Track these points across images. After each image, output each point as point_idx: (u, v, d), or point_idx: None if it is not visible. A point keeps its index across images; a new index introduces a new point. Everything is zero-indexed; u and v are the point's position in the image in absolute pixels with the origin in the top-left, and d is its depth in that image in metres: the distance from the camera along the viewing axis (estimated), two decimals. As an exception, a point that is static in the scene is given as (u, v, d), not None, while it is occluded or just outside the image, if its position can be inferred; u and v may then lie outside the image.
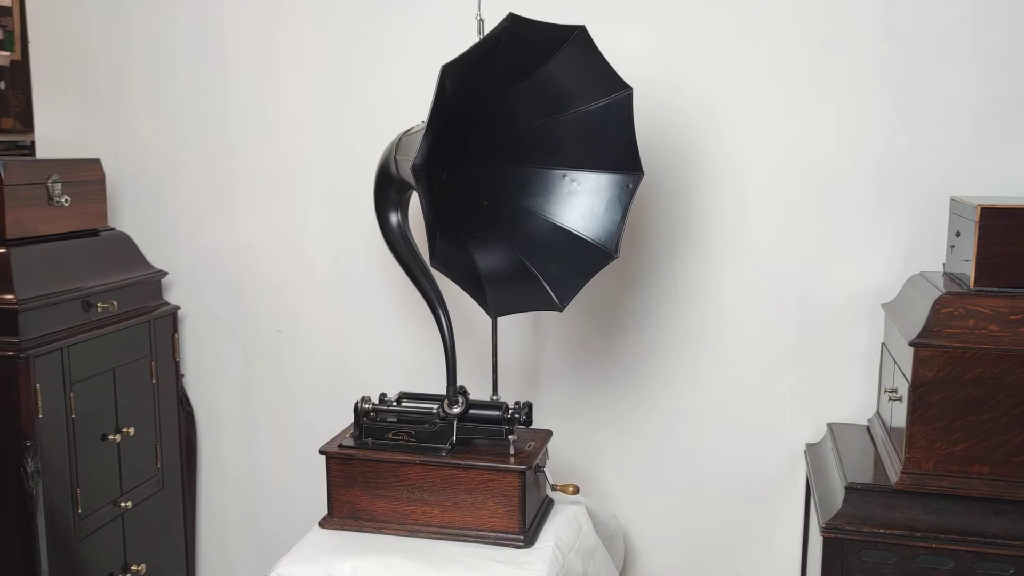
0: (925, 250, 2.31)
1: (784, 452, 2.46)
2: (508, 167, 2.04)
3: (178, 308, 2.65)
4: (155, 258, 2.65)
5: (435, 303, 2.08)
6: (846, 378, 2.40)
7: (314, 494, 2.69)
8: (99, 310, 2.34)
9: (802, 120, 2.33)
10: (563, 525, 2.14)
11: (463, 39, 2.42)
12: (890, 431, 2.12)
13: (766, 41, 2.31)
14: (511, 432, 2.06)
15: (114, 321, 2.38)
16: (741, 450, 2.48)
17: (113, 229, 2.57)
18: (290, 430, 2.74)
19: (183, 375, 2.72)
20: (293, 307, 2.69)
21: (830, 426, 2.37)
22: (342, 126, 2.58)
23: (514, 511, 2.02)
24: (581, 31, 1.83)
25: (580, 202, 1.99)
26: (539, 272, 1.95)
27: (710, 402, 2.48)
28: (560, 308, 1.92)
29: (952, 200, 2.16)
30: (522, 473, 2.00)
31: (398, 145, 2.05)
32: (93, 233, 2.48)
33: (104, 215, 2.51)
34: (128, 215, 2.73)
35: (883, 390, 2.18)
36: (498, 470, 2.01)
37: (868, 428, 2.33)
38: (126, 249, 2.54)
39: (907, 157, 2.29)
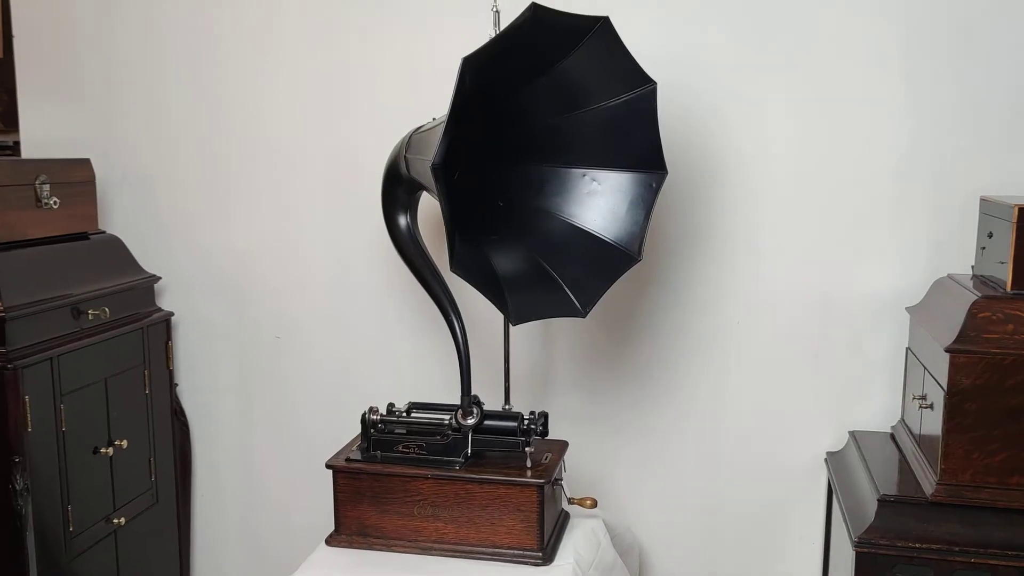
0: (950, 252, 2.23)
1: (804, 460, 2.38)
2: (525, 166, 1.95)
3: (172, 314, 2.53)
4: (147, 262, 2.54)
5: (448, 309, 1.99)
6: (868, 384, 2.32)
7: (315, 509, 2.60)
8: (90, 317, 2.23)
9: (821, 119, 2.24)
10: (581, 540, 2.05)
11: (469, 32, 2.33)
12: (920, 440, 2.04)
13: (785, 38, 2.23)
14: (528, 444, 1.96)
15: (106, 329, 2.27)
16: (759, 458, 2.39)
17: (104, 232, 2.46)
18: (290, 442, 2.63)
19: (177, 384, 2.61)
20: (292, 312, 2.58)
21: (853, 434, 2.29)
22: (342, 124, 2.48)
23: (532, 527, 1.93)
24: (605, 22, 1.74)
25: (601, 202, 1.91)
26: (559, 276, 1.85)
27: (727, 409, 2.40)
28: (583, 314, 1.83)
29: (982, 200, 2.08)
30: (540, 487, 1.91)
31: (408, 143, 1.95)
32: (83, 236, 2.36)
33: (95, 218, 2.40)
34: (119, 217, 2.61)
35: (911, 397, 2.09)
36: (516, 484, 1.92)
37: (892, 436, 2.25)
38: (117, 253, 2.43)
39: (929, 156, 2.21)
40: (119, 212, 2.62)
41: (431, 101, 2.34)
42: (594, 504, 2.06)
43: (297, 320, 2.58)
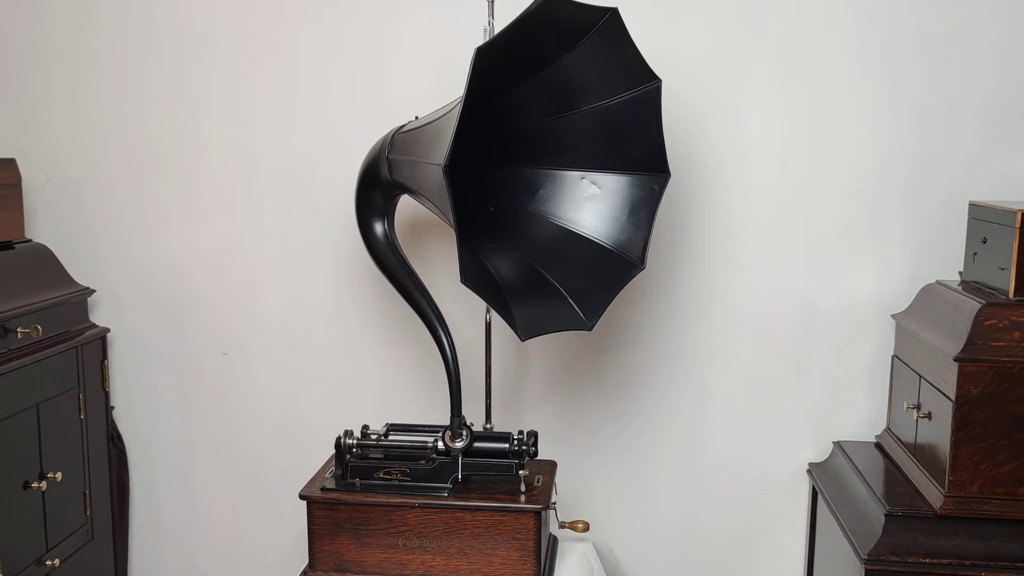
0: (930, 258, 2.20)
1: (786, 471, 2.31)
2: (517, 168, 1.81)
3: (108, 331, 2.30)
4: (77, 273, 2.30)
5: (435, 322, 1.84)
6: (850, 393, 2.27)
7: (266, 544, 2.42)
8: (19, 336, 1.98)
9: (803, 123, 2.19)
10: (576, 568, 1.94)
11: (435, 25, 2.20)
12: (916, 450, 1.99)
13: (768, 41, 2.16)
14: (522, 467, 1.83)
15: (37, 349, 2.02)
16: (741, 470, 2.32)
17: (30, 241, 2.21)
18: (237, 469, 2.42)
19: (113, 407, 2.37)
20: (240, 327, 2.38)
21: (839, 444, 2.23)
22: (296, 122, 2.29)
23: (528, 556, 1.80)
24: (613, 14, 1.63)
25: (601, 207, 1.79)
26: (562, 286, 1.72)
27: (708, 421, 2.31)
28: (589, 327, 1.71)
29: (973, 205, 2.05)
30: (538, 513, 1.78)
31: (391, 144, 1.79)
32: (7, 246, 2.11)
33: (21, 225, 2.15)
34: (44, 224, 2.36)
35: (905, 406, 2.05)
36: (511, 511, 1.78)
37: (878, 446, 2.21)
38: (47, 264, 2.19)
39: (910, 162, 2.17)
40: (44, 218, 2.36)
41: (397, 99, 2.20)
42: (586, 527, 1.95)
43: (245, 335, 2.38)
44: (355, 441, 1.88)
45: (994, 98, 2.14)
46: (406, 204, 1.99)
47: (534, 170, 1.81)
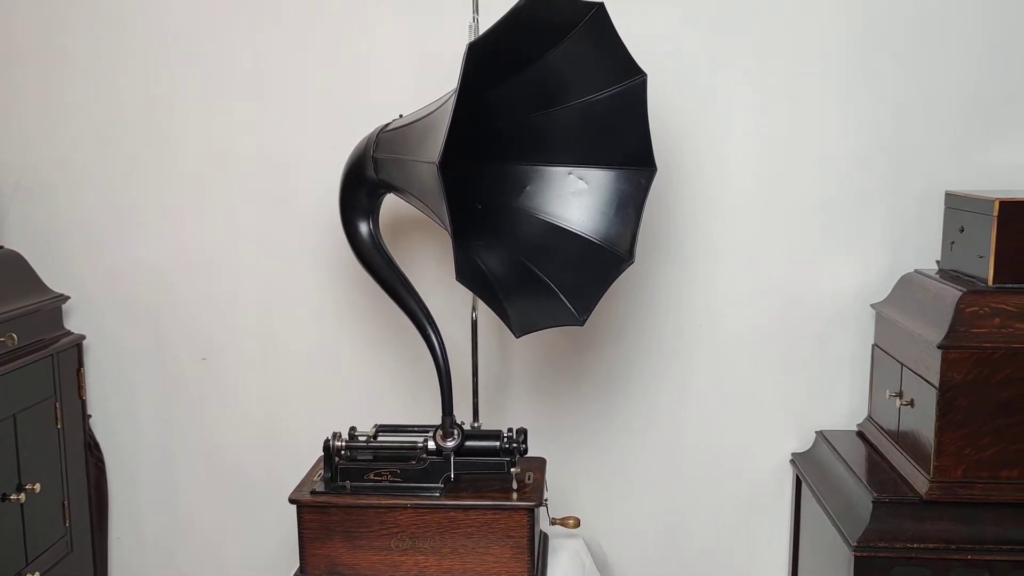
0: (905, 248, 2.23)
1: (769, 462, 2.33)
2: (503, 165, 1.81)
3: (83, 338, 2.25)
4: (50, 279, 2.25)
5: (423, 321, 1.83)
6: (831, 383, 2.29)
7: (250, 550, 2.40)
8: (-6, 345, 1.94)
9: (781, 116, 2.20)
10: (567, 564, 1.94)
11: (412, 27, 2.18)
12: (899, 437, 2.02)
13: (743, 35, 2.17)
14: (514, 464, 1.83)
15: (12, 358, 1.98)
16: (723, 461, 2.33)
17: (1, 247, 2.16)
18: (218, 476, 2.39)
19: (90, 415, 2.32)
20: (219, 332, 2.34)
21: (821, 433, 2.26)
22: (274, 126, 2.25)
23: (522, 553, 1.80)
24: (599, 8, 1.63)
25: (588, 202, 1.79)
26: (552, 282, 1.72)
27: (689, 413, 2.32)
28: (580, 322, 1.71)
29: (949, 195, 2.08)
30: (531, 510, 1.78)
31: (376, 142, 1.78)
32: (-22, 253, 2.07)
33: (-8, 230, 2.11)
34: (14, 229, 2.30)
35: (887, 394, 2.07)
36: (505, 509, 1.78)
37: (860, 434, 2.23)
38: (19, 270, 2.14)
39: (886, 154, 2.20)
40: (13, 223, 2.30)
41: (376, 99, 2.18)
42: (577, 523, 1.95)
43: (225, 340, 2.34)
44: (344, 443, 1.86)
45: (968, 89, 2.17)
46: (384, 203, 1.97)
47: (521, 166, 1.81)
